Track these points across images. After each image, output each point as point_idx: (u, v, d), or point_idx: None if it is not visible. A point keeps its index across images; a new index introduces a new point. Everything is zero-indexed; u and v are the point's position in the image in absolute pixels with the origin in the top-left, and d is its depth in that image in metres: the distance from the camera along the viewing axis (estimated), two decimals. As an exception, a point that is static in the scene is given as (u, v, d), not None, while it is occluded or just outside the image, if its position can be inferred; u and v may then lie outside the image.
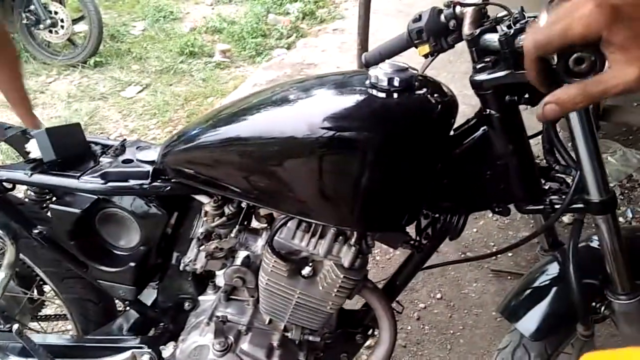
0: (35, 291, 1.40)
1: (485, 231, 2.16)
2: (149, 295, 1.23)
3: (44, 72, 3.83)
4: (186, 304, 1.19)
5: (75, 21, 3.97)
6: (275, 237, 1.00)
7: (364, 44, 2.77)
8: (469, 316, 1.86)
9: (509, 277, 1.99)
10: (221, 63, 4.04)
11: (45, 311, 1.54)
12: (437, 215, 1.01)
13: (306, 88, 0.99)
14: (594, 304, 0.94)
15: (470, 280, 1.99)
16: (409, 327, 1.82)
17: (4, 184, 1.11)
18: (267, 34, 4.52)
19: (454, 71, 3.24)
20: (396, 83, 0.87)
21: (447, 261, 1.16)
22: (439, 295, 1.94)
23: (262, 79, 3.73)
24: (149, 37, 4.50)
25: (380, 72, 0.88)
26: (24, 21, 3.76)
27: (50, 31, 3.83)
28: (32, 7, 3.71)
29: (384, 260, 2.02)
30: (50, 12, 3.77)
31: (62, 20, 3.80)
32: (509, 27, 0.81)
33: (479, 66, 0.84)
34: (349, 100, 0.91)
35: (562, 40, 0.47)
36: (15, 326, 1.07)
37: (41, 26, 3.76)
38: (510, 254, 2.06)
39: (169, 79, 3.81)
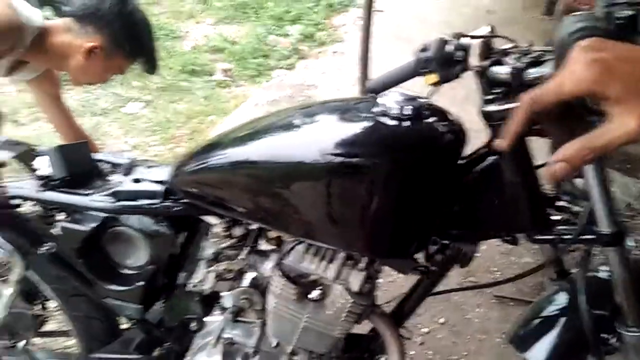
0: (40, 307, 1.38)
1: (487, 256, 2.16)
2: (154, 315, 1.22)
3: (46, 86, 3.83)
4: (192, 325, 1.18)
5: (79, 37, 3.99)
6: (284, 260, 1.00)
7: (364, 69, 2.81)
8: (473, 342, 1.85)
9: (511, 303, 1.99)
10: (222, 82, 4.06)
11: (48, 326, 1.51)
12: (446, 242, 1.01)
13: (316, 113, 1.00)
14: (603, 335, 0.94)
15: (473, 305, 1.99)
16: (412, 352, 1.80)
17: (14, 200, 1.11)
18: (268, 54, 4.56)
19: (453, 96, 3.28)
20: (407, 111, 0.88)
21: (456, 288, 1.16)
22: (442, 320, 1.93)
23: (263, 99, 3.75)
24: (150, 54, 4.52)
25: (391, 100, 0.89)
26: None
27: (54, 46, 3.85)
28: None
29: (387, 282, 2.00)
30: (54, 27, 3.80)
31: (66, 36, 3.82)
32: (517, 60, 0.82)
33: (488, 97, 0.86)
34: (359, 126, 0.92)
35: (554, 97, 0.49)
36: (21, 343, 1.06)
37: (44, 41, 3.78)
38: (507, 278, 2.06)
39: (170, 97, 3.82)
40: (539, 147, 0.88)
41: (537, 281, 2.02)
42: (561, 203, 0.94)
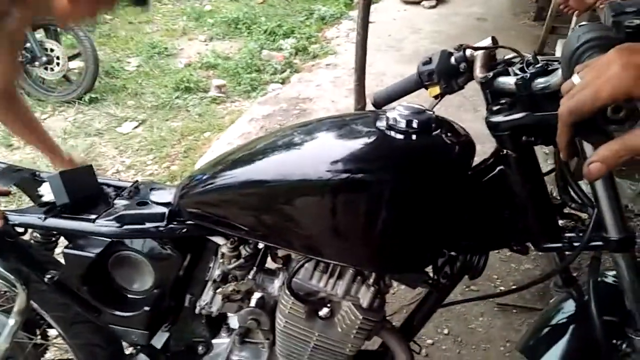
0: (40, 336, 1.36)
1: (487, 264, 2.14)
2: (160, 339, 1.20)
3: (39, 108, 3.81)
4: (199, 348, 1.17)
5: (71, 58, 3.98)
6: (293, 278, 0.99)
7: (361, 80, 2.82)
8: (478, 352, 1.85)
9: (514, 311, 1.99)
10: (217, 98, 4.07)
11: (48, 355, 1.49)
12: (455, 254, 1.01)
13: (321, 129, 1.00)
14: (614, 341, 0.94)
15: (476, 314, 1.98)
16: (418, 365, 1.80)
17: (16, 228, 1.09)
18: (262, 69, 4.58)
19: (447, 105, 3.30)
20: (414, 125, 0.88)
21: (463, 299, 1.15)
22: (446, 331, 1.93)
23: (258, 114, 3.76)
24: (143, 73, 4.53)
25: (398, 114, 0.89)
26: (20, 59, 3.75)
27: (46, 68, 3.83)
28: (27, 45, 3.72)
29: (389, 295, 2.00)
30: (46, 49, 3.77)
31: (58, 58, 3.80)
32: (522, 70, 0.83)
33: (494, 108, 0.86)
34: (366, 141, 0.92)
35: (593, 104, 0.50)
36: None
37: (37, 63, 3.75)
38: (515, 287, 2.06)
39: (165, 115, 3.82)
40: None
41: (539, 288, 2.02)
42: (567, 210, 0.94)
